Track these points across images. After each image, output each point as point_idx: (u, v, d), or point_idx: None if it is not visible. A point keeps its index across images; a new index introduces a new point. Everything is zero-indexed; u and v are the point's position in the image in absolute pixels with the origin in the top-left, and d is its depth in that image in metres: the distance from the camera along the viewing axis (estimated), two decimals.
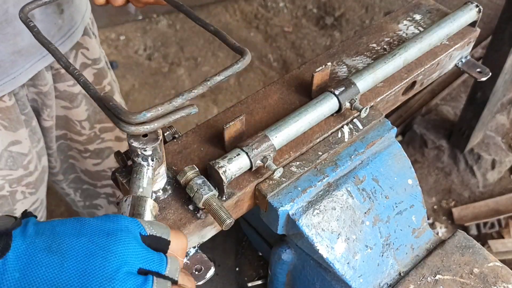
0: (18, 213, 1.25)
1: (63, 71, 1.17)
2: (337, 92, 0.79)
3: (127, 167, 0.74)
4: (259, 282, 1.09)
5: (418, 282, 0.80)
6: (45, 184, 1.32)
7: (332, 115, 0.82)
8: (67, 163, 1.40)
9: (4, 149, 1.12)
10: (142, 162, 0.65)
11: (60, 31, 1.09)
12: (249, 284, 1.09)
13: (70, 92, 1.22)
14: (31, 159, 1.19)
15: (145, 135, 0.64)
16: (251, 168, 0.72)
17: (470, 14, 0.95)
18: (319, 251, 0.76)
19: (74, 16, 1.12)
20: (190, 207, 0.71)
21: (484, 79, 0.99)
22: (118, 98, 1.40)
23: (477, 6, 0.95)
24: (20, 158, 1.16)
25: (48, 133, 1.26)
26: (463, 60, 1.02)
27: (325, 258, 0.76)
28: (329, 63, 0.83)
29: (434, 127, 2.40)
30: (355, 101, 0.81)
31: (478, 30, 0.98)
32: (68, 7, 1.08)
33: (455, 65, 1.01)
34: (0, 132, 1.10)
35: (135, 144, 0.64)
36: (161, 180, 0.71)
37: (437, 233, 1.83)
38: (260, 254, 1.12)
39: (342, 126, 0.83)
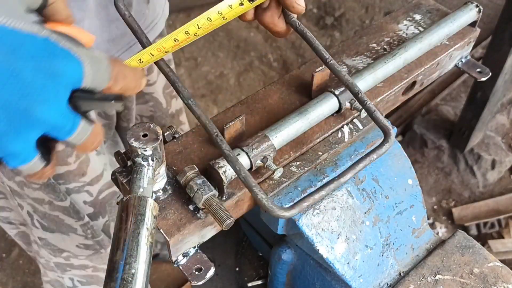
0: None
1: None
2: (337, 92, 0.79)
3: (127, 167, 0.74)
4: (259, 282, 1.09)
5: (418, 282, 0.80)
6: None
7: (332, 115, 0.82)
8: None
9: None
10: (142, 162, 0.65)
11: (146, 21, 1.05)
12: (249, 284, 1.09)
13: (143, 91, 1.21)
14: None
15: (145, 135, 0.65)
16: (251, 168, 0.72)
17: (470, 14, 0.95)
18: (319, 251, 0.76)
19: (157, 7, 1.08)
20: (190, 207, 0.71)
21: (484, 79, 0.99)
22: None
23: (477, 6, 0.95)
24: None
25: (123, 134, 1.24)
26: (463, 60, 1.02)
27: (325, 258, 0.76)
28: None
29: (434, 127, 2.39)
30: (355, 101, 0.81)
31: (478, 30, 0.98)
32: None
33: (455, 65, 1.01)
34: None
35: (135, 144, 0.64)
36: (161, 180, 0.71)
37: (437, 233, 1.83)
38: (260, 254, 1.12)
39: (342, 126, 0.83)
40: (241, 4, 0.67)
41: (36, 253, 1.24)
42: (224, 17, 0.67)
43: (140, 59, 0.68)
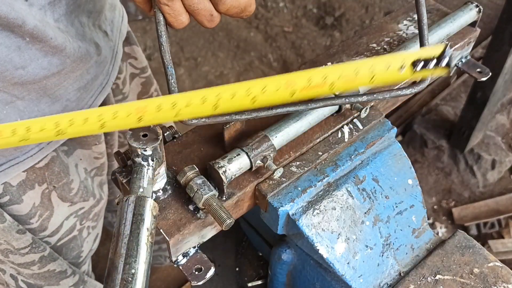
0: (84, 255, 1.20)
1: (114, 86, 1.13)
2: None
3: (127, 167, 0.74)
4: (259, 282, 1.09)
5: (418, 282, 0.80)
6: (103, 217, 1.26)
7: (332, 115, 0.82)
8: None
9: (84, 178, 1.08)
10: (142, 162, 0.65)
11: (114, 53, 1.01)
12: (249, 284, 1.09)
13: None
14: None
15: (145, 135, 0.65)
16: (251, 168, 0.72)
17: (470, 14, 0.95)
18: (319, 251, 0.76)
19: (114, 33, 1.03)
20: (190, 207, 0.71)
21: (484, 79, 0.99)
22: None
23: (477, 6, 0.95)
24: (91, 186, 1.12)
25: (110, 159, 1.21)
26: (463, 60, 1.02)
27: (325, 258, 0.76)
28: (329, 63, 0.83)
29: (434, 127, 2.39)
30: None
31: (478, 30, 0.98)
32: (109, 27, 1.00)
33: (455, 65, 1.01)
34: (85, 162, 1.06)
35: (135, 144, 0.64)
36: (161, 180, 0.71)
37: (437, 233, 1.83)
38: (260, 254, 1.12)
39: (342, 126, 0.83)
40: (402, 68, 0.55)
41: None
42: (373, 78, 0.55)
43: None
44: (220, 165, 0.69)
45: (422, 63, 0.55)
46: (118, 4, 1.09)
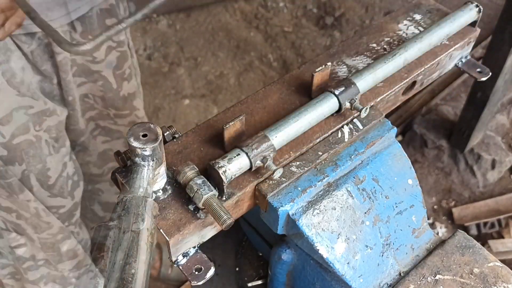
0: (54, 178, 1.20)
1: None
2: (337, 92, 0.79)
3: (127, 167, 0.74)
4: (259, 282, 1.09)
5: (418, 282, 0.80)
6: (67, 141, 1.25)
7: (332, 115, 0.82)
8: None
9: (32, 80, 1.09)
10: (142, 162, 0.65)
11: None
12: (249, 284, 1.09)
13: (87, 67, 1.21)
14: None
15: (144, 135, 0.64)
16: (251, 168, 0.72)
17: (470, 14, 0.95)
18: (319, 251, 0.76)
19: None
20: (190, 207, 0.71)
21: (484, 79, 0.99)
22: (135, 84, 1.39)
23: (477, 6, 0.95)
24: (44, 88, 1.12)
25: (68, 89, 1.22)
26: (463, 60, 1.01)
27: (325, 258, 0.76)
28: (329, 63, 0.83)
29: (434, 127, 2.39)
30: (355, 101, 0.81)
31: (478, 30, 0.98)
32: None
33: (455, 65, 1.01)
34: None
35: (134, 144, 0.64)
36: (161, 180, 0.71)
37: (437, 233, 1.83)
38: (260, 254, 1.12)
39: (342, 126, 0.83)
40: None
41: None
42: None
43: None
44: (220, 165, 0.69)
45: None
46: None
